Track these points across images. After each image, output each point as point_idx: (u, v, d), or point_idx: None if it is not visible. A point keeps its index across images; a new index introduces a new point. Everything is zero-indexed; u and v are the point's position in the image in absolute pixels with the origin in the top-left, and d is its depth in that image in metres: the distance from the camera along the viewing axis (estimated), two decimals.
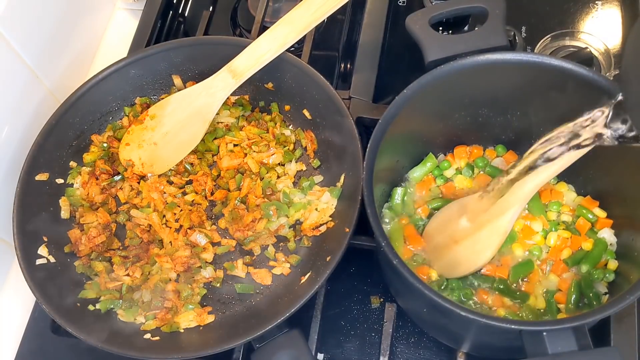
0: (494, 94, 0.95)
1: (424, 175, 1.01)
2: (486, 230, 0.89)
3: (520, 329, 0.72)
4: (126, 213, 1.08)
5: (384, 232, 0.81)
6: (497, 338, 0.83)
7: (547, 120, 0.83)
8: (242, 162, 1.10)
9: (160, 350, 0.94)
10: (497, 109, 0.97)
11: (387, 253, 0.78)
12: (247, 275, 1.03)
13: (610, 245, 0.93)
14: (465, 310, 0.74)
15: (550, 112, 0.89)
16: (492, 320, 0.73)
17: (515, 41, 1.19)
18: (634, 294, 0.74)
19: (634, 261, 0.87)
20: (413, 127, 0.95)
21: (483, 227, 0.89)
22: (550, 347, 0.70)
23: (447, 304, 0.74)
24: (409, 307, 0.97)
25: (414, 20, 0.95)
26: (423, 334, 1.01)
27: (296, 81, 1.10)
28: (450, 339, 0.96)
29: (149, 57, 1.14)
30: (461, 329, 0.87)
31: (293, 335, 0.91)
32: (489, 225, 0.88)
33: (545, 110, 0.92)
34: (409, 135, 0.96)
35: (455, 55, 0.90)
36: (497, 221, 0.88)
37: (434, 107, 0.94)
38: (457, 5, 0.96)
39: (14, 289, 1.13)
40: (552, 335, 0.71)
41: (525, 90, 0.92)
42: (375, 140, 0.86)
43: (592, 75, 0.86)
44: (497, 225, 0.88)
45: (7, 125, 1.10)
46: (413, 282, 0.76)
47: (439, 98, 0.92)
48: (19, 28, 1.09)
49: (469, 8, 0.96)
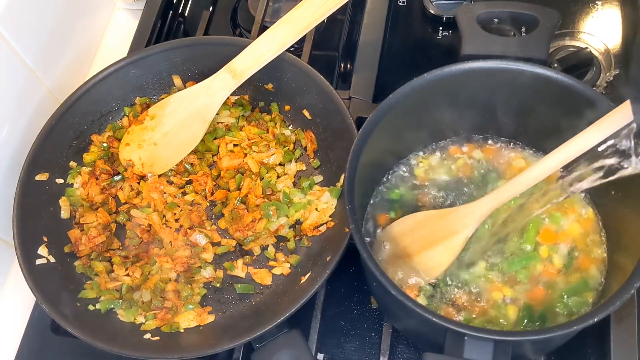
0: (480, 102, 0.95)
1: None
2: (441, 247, 0.89)
3: (447, 327, 0.73)
4: (126, 213, 1.08)
5: (365, 242, 0.82)
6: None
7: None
8: (242, 162, 1.10)
9: (160, 350, 0.94)
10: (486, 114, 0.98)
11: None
12: (247, 275, 1.03)
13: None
14: (401, 294, 0.75)
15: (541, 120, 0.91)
16: (428, 313, 0.74)
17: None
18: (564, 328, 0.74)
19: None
20: (395, 132, 0.96)
21: (438, 243, 0.89)
22: (467, 352, 0.72)
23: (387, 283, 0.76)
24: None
25: (463, 11, 0.96)
26: None
27: (296, 81, 1.10)
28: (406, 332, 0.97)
29: (149, 57, 1.14)
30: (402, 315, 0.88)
31: (293, 335, 0.91)
32: (443, 242, 0.89)
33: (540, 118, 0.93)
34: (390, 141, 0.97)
35: (489, 55, 0.90)
36: (451, 239, 0.88)
37: (416, 114, 0.95)
38: (509, 8, 0.97)
39: (14, 289, 1.13)
40: (472, 342, 0.72)
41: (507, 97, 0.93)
42: (357, 146, 0.87)
43: (580, 85, 0.87)
44: (452, 243, 0.88)
45: (7, 125, 1.10)
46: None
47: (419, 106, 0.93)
48: (19, 28, 1.09)
49: (521, 13, 0.96)
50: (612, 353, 0.91)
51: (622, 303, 0.73)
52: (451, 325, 0.73)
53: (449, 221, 0.89)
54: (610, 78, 1.14)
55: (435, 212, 0.92)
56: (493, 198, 0.86)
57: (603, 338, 0.93)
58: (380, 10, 1.25)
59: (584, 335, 0.82)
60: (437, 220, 0.91)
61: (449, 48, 1.23)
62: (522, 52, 0.91)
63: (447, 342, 0.74)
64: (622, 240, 0.87)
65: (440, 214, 0.91)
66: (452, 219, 0.89)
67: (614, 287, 0.83)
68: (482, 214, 0.87)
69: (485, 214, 0.87)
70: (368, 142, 0.87)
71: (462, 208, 0.89)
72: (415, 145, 1.01)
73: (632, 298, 0.93)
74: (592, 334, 0.94)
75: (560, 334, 0.72)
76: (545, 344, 0.87)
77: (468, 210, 0.88)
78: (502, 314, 0.88)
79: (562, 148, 0.81)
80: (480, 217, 0.87)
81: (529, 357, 0.90)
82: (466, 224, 0.87)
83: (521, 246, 0.92)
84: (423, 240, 0.90)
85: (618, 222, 0.89)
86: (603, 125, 0.78)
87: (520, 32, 1.16)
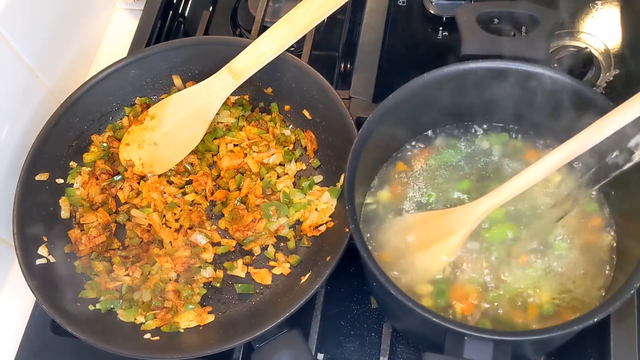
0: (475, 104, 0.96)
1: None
2: (437, 248, 0.88)
3: (447, 327, 0.73)
4: (126, 213, 1.08)
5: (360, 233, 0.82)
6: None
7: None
8: (242, 162, 1.10)
9: (160, 350, 0.94)
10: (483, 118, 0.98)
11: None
12: (247, 275, 1.03)
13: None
14: (401, 294, 0.75)
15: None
16: (428, 313, 0.74)
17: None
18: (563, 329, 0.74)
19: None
20: (395, 132, 0.96)
21: (434, 244, 0.89)
22: (466, 352, 0.72)
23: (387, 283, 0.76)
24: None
25: (463, 11, 0.96)
26: None
27: (296, 81, 1.10)
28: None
29: (149, 57, 1.14)
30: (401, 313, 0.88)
31: (293, 335, 0.91)
32: (439, 243, 0.88)
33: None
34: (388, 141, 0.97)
35: (489, 55, 0.90)
36: (448, 240, 0.88)
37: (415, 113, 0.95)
38: (509, 8, 0.97)
39: (14, 289, 1.13)
40: (472, 342, 0.72)
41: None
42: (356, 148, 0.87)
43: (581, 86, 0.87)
44: (448, 244, 0.88)
45: (7, 125, 1.10)
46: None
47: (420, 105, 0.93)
48: (19, 28, 1.09)
49: (521, 13, 0.96)
50: (612, 353, 0.91)
51: (622, 303, 0.73)
52: (451, 325, 0.73)
53: (445, 222, 0.89)
54: (610, 78, 1.14)
55: (432, 213, 0.92)
56: (490, 198, 0.86)
57: (603, 338, 0.93)
58: (380, 10, 1.25)
59: (584, 335, 0.82)
60: (433, 221, 0.90)
61: (449, 48, 1.23)
62: (522, 52, 0.91)
63: (447, 342, 0.74)
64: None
65: (436, 215, 0.91)
66: (448, 220, 0.88)
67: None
68: (479, 215, 0.86)
69: (483, 214, 0.86)
70: (368, 142, 0.87)
71: (459, 209, 0.89)
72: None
73: (632, 298, 0.93)
74: (592, 334, 0.94)
75: (560, 334, 0.72)
76: (545, 344, 0.87)
77: (465, 211, 0.87)
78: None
79: (561, 148, 0.81)
80: (476, 218, 0.86)
81: (529, 357, 0.90)
82: (463, 225, 0.87)
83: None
84: (419, 240, 0.90)
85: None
86: (603, 125, 0.78)
87: (520, 32, 1.16)
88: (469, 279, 0.88)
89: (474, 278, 0.88)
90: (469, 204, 0.88)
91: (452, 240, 0.87)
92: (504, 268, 0.88)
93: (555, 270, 0.87)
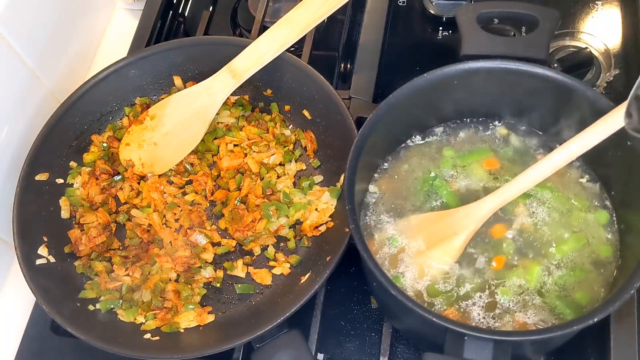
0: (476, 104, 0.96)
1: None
2: (440, 249, 0.88)
3: (447, 327, 0.73)
4: (126, 213, 1.08)
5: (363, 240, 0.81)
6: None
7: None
8: (242, 162, 1.10)
9: (160, 350, 0.94)
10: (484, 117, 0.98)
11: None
12: (247, 275, 1.03)
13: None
14: (401, 294, 0.75)
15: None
16: (428, 313, 0.74)
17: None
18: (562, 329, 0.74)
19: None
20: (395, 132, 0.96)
21: (437, 245, 0.89)
22: (466, 352, 0.72)
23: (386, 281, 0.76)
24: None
25: (463, 11, 0.96)
26: None
27: (296, 81, 1.10)
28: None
29: (149, 57, 1.14)
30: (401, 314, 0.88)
31: (293, 335, 0.91)
32: (441, 245, 0.88)
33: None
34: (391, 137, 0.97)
35: (489, 55, 0.90)
36: (452, 240, 0.88)
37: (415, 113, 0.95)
38: (508, 8, 0.97)
39: (14, 289, 1.13)
40: (472, 342, 0.72)
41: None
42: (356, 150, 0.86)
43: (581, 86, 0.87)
44: (452, 245, 0.88)
45: (7, 125, 1.10)
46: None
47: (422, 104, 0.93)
48: (19, 28, 1.09)
49: (521, 13, 0.96)
50: (612, 353, 0.91)
51: (622, 303, 0.73)
52: (451, 325, 0.73)
53: (449, 222, 0.89)
54: (610, 78, 1.14)
55: (435, 214, 0.92)
56: (494, 198, 0.86)
57: (603, 338, 0.93)
58: (380, 10, 1.25)
59: (584, 335, 0.81)
60: (436, 222, 0.90)
61: (449, 48, 1.23)
62: (522, 52, 0.91)
63: (447, 342, 0.74)
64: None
65: (440, 215, 0.91)
66: (452, 220, 0.88)
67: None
68: (483, 215, 0.87)
69: (487, 214, 0.87)
70: (368, 142, 0.87)
71: (462, 209, 0.89)
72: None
73: (632, 298, 0.93)
74: (592, 334, 0.94)
75: (560, 334, 0.73)
76: (545, 344, 0.87)
77: (468, 211, 0.87)
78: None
79: (563, 148, 0.81)
80: (480, 218, 0.87)
81: (528, 357, 0.90)
82: (466, 225, 0.87)
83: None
84: (422, 241, 0.90)
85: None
86: (603, 125, 0.78)
87: (520, 32, 1.16)
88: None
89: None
90: (473, 203, 0.88)
91: (456, 241, 0.87)
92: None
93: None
